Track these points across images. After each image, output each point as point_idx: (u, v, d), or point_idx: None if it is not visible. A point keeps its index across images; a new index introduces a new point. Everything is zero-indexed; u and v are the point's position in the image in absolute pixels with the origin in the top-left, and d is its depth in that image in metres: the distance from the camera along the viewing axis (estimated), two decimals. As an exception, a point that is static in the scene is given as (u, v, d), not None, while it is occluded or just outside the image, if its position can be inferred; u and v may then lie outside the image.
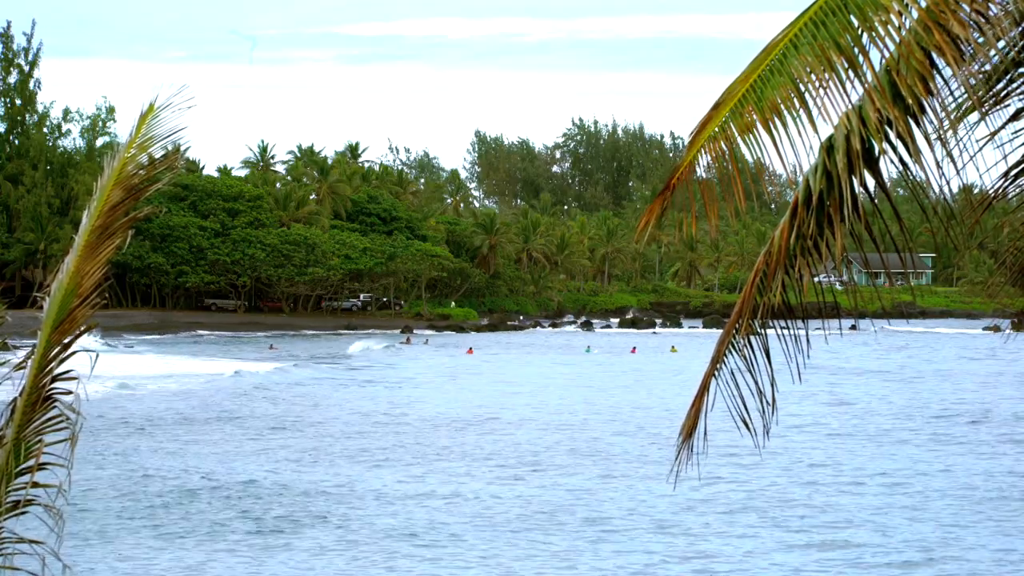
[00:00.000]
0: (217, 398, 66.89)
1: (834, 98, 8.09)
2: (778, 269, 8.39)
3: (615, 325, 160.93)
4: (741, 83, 8.27)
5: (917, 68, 7.87)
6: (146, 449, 47.22)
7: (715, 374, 8.68)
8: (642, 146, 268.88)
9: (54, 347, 8.11)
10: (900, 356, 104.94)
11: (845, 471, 42.48)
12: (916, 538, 31.80)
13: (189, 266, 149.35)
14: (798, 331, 8.53)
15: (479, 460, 44.99)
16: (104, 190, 8.18)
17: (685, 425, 8.88)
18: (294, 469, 42.70)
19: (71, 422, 8.14)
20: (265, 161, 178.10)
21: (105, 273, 8.18)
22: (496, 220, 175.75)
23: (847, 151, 8.06)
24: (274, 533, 32.29)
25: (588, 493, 38.13)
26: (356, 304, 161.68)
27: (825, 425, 55.49)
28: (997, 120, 8.28)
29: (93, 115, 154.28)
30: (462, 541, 31.42)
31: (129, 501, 36.32)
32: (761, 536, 32.04)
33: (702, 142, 8.32)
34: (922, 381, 79.70)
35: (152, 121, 8.19)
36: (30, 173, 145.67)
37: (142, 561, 29.33)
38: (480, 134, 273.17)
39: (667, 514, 34.62)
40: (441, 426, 55.42)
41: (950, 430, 53.72)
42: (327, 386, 76.12)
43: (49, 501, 8.05)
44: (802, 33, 8.12)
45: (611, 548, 30.82)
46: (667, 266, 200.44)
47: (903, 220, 8.39)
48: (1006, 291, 9.83)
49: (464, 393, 71.67)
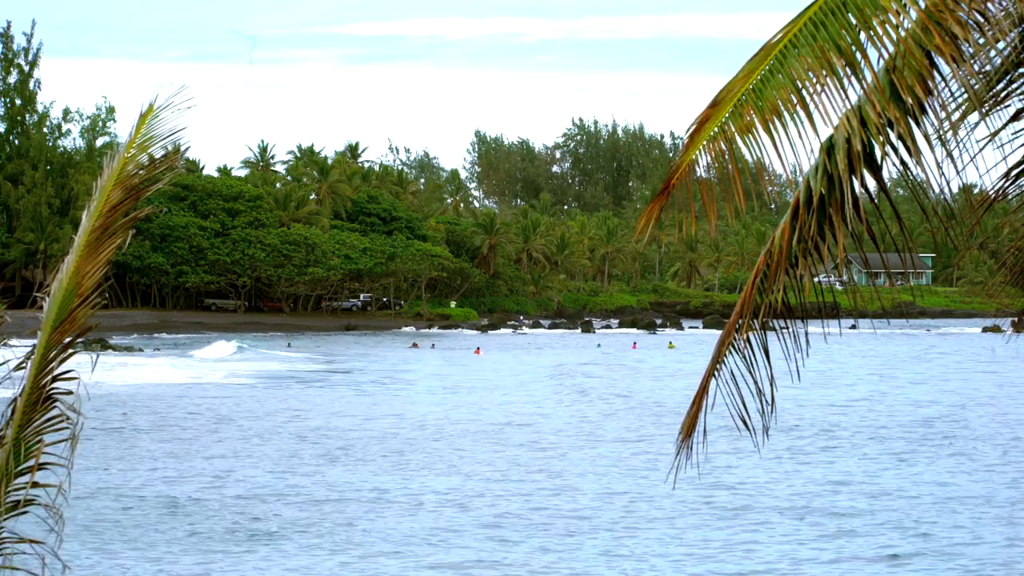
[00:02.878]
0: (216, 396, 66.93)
1: (834, 99, 8.09)
2: (779, 270, 8.39)
3: (615, 325, 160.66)
4: (740, 82, 8.27)
5: (917, 68, 7.87)
6: (152, 450, 47.25)
7: (715, 374, 8.68)
8: (642, 146, 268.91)
9: (54, 347, 8.11)
10: (905, 352, 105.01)
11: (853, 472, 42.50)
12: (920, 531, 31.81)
13: (189, 266, 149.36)
14: (798, 331, 8.54)
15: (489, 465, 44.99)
16: (104, 190, 8.18)
17: (685, 424, 8.88)
18: (317, 472, 42.65)
19: (71, 422, 8.14)
20: (265, 161, 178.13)
21: (105, 273, 8.18)
22: (496, 220, 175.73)
23: (847, 152, 8.06)
24: (275, 534, 32.28)
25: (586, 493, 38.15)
26: (356, 304, 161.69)
27: (826, 425, 55.51)
28: (997, 120, 8.29)
29: (93, 115, 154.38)
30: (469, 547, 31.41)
31: (129, 502, 36.34)
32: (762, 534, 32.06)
33: (700, 141, 8.33)
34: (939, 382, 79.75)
35: (152, 121, 8.19)
36: (30, 173, 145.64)
37: (144, 562, 29.33)
38: (480, 134, 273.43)
39: (668, 513, 34.63)
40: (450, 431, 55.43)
41: (958, 431, 53.73)
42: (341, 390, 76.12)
43: (49, 501, 8.06)
44: (801, 34, 8.13)
45: (617, 549, 30.82)
46: (667, 266, 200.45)
47: (903, 220, 8.39)
48: (1006, 291, 9.83)
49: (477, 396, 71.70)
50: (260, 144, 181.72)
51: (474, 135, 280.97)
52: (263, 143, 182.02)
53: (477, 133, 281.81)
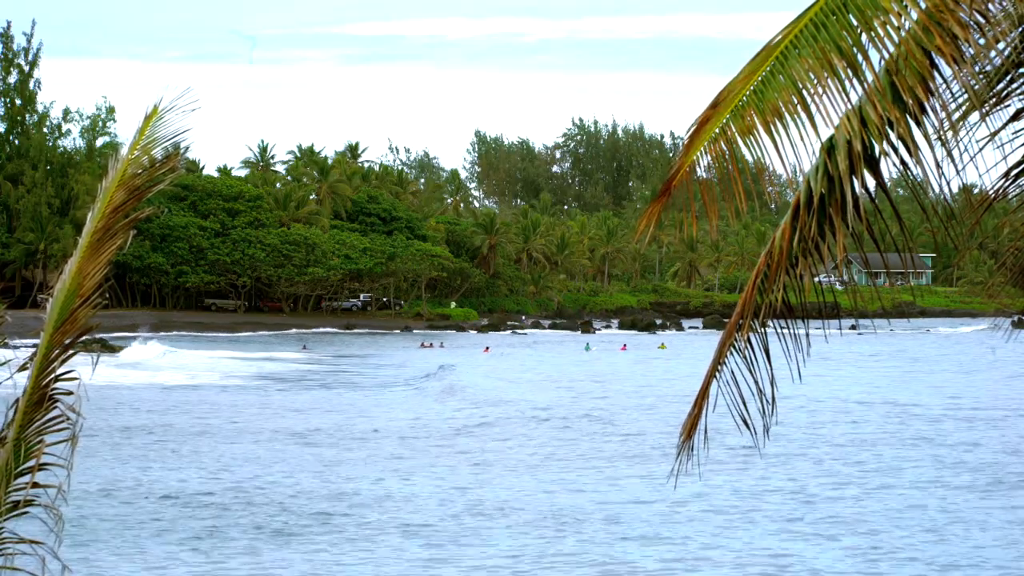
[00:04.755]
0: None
1: (835, 100, 8.09)
2: (780, 270, 8.39)
3: (615, 325, 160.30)
4: (741, 83, 8.27)
5: (917, 69, 7.87)
6: (149, 451, 47.26)
7: (716, 374, 8.67)
8: (642, 146, 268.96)
9: (55, 347, 8.11)
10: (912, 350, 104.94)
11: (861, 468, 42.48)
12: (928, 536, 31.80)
13: (189, 266, 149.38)
14: (798, 331, 8.53)
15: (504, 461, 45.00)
16: (108, 192, 8.18)
17: (686, 425, 8.88)
18: (338, 473, 42.66)
19: (72, 422, 8.14)
20: (265, 161, 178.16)
21: (106, 274, 8.19)
22: (496, 220, 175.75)
23: (848, 152, 8.06)
24: (277, 536, 32.27)
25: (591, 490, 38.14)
26: (356, 304, 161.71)
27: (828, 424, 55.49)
28: (997, 120, 8.29)
29: (93, 115, 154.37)
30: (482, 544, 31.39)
31: (132, 501, 36.34)
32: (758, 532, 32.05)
33: (701, 143, 8.32)
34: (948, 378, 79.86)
35: (156, 123, 8.20)
36: (30, 173, 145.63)
37: (144, 563, 29.32)
38: (480, 134, 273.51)
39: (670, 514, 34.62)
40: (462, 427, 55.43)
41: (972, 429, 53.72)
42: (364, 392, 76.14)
43: (49, 501, 8.06)
44: (802, 35, 8.12)
45: (625, 548, 30.81)
46: (667, 266, 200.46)
47: (903, 220, 8.39)
48: (1006, 291, 9.84)
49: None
50: (260, 144, 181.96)
51: (474, 135, 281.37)
52: (263, 143, 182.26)
53: (477, 133, 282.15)
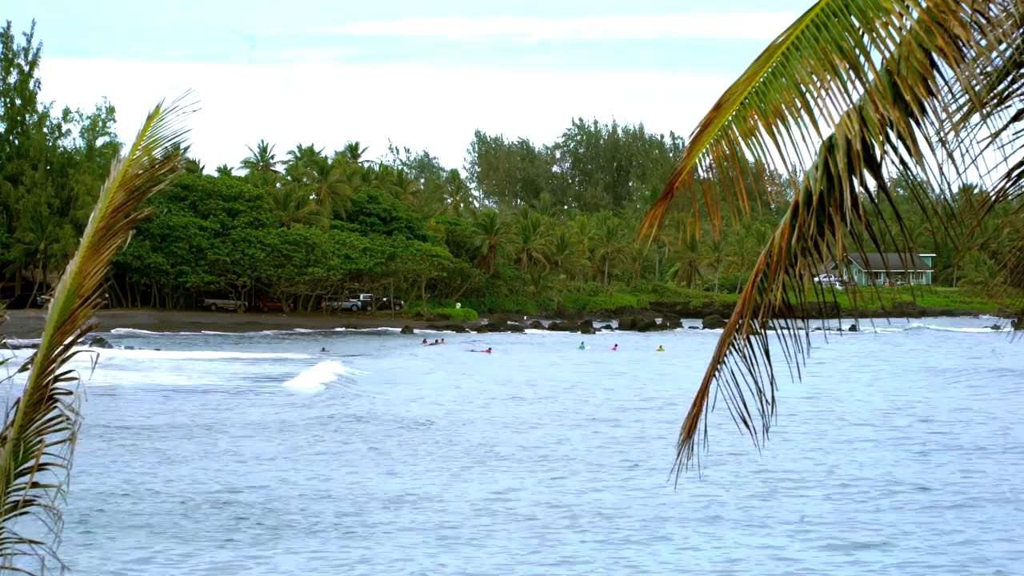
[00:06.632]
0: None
1: (837, 101, 8.08)
2: (779, 270, 8.39)
3: (615, 325, 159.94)
4: (743, 85, 8.27)
5: (918, 69, 7.86)
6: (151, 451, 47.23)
7: (715, 374, 8.67)
8: (642, 146, 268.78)
9: (56, 347, 8.11)
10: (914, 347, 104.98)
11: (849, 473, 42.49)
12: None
13: (189, 266, 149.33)
14: (798, 331, 8.53)
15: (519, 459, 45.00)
16: (109, 192, 8.18)
17: (685, 425, 8.87)
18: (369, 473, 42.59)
19: (71, 422, 8.14)
20: (265, 161, 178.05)
21: (106, 274, 8.19)
22: (496, 220, 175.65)
23: (847, 152, 8.05)
24: (279, 537, 32.27)
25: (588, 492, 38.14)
26: (356, 304, 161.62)
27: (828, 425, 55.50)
28: (998, 121, 8.28)
29: (93, 115, 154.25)
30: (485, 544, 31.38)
31: (132, 501, 36.33)
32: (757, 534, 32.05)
33: (703, 145, 8.31)
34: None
35: (157, 124, 8.20)
36: (30, 173, 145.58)
37: (144, 563, 29.32)
38: (480, 134, 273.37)
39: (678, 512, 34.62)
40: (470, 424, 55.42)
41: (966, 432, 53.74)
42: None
43: (49, 501, 8.05)
44: (804, 36, 8.12)
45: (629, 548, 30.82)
46: (667, 266, 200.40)
47: (903, 220, 8.38)
48: (1007, 291, 9.83)
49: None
50: (260, 144, 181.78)
51: (474, 135, 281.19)
52: (263, 143, 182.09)
53: (477, 133, 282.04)
